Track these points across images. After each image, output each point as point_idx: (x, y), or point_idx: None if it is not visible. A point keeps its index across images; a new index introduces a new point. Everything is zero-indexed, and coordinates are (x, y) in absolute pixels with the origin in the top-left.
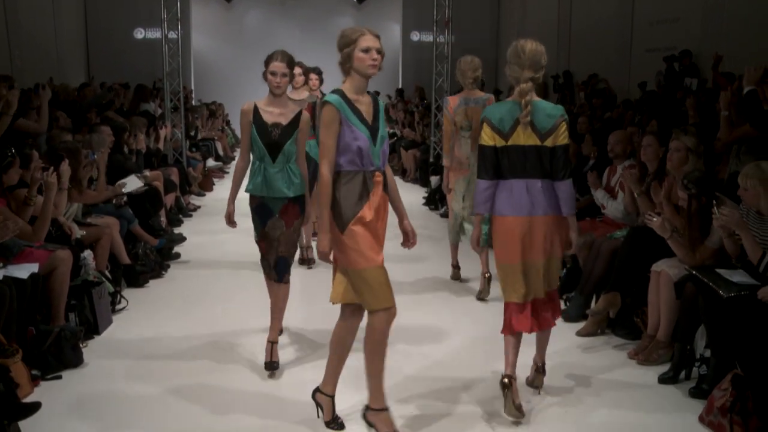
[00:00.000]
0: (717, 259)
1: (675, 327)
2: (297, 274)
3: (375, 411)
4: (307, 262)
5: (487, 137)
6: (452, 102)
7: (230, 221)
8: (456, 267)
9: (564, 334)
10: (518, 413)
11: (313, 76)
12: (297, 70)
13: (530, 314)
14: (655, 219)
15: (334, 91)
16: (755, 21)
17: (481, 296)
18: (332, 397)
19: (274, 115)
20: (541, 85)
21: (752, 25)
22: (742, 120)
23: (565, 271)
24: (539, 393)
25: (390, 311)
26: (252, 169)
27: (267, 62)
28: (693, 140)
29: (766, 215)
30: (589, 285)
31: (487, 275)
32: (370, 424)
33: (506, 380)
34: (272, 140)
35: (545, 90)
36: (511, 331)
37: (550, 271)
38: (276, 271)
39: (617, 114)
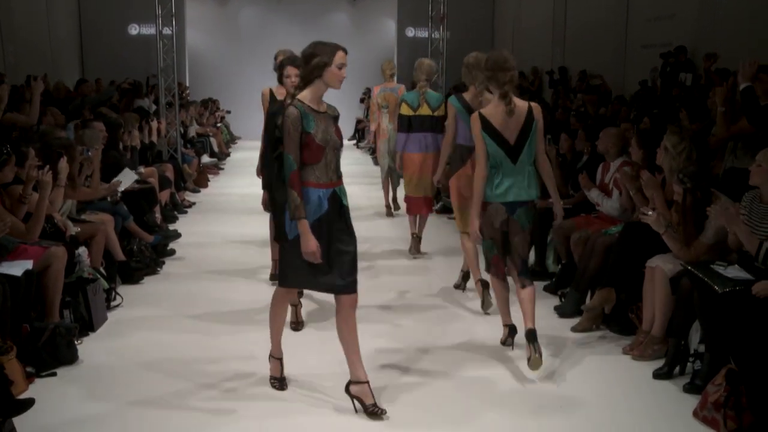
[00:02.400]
0: (712, 255)
1: (669, 322)
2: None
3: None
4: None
5: (404, 110)
6: (376, 90)
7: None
8: (388, 207)
9: (559, 330)
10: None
11: (291, 71)
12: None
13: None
14: (650, 213)
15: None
16: (750, 17)
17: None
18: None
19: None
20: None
21: (747, 20)
22: (737, 116)
23: (560, 267)
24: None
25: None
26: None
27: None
28: (674, 138)
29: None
30: (584, 281)
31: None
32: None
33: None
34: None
35: (540, 85)
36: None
37: (426, 183)
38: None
39: (611, 110)
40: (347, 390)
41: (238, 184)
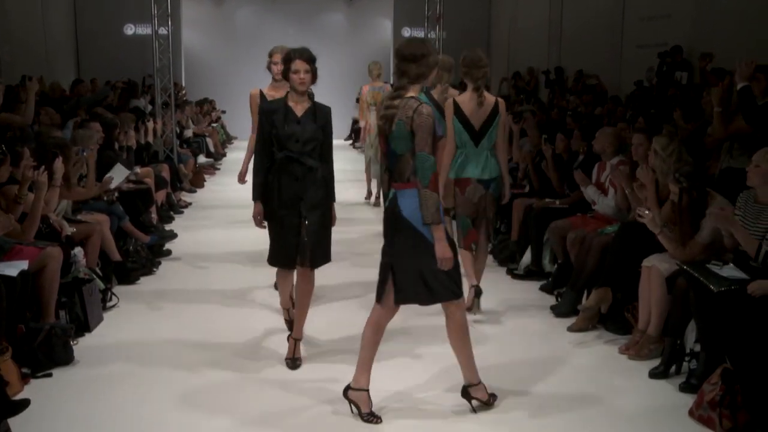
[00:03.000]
0: (707, 254)
1: (665, 322)
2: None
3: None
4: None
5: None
6: (365, 89)
7: None
8: (369, 192)
9: (555, 330)
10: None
11: (300, 65)
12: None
13: None
14: (647, 212)
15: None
16: (746, 16)
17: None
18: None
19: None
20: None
21: (743, 20)
22: (734, 116)
23: (556, 266)
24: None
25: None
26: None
27: None
28: (663, 141)
29: (764, 202)
30: (581, 281)
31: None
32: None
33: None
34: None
35: (536, 85)
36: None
37: None
38: None
39: (606, 110)
40: (345, 394)
41: (234, 184)
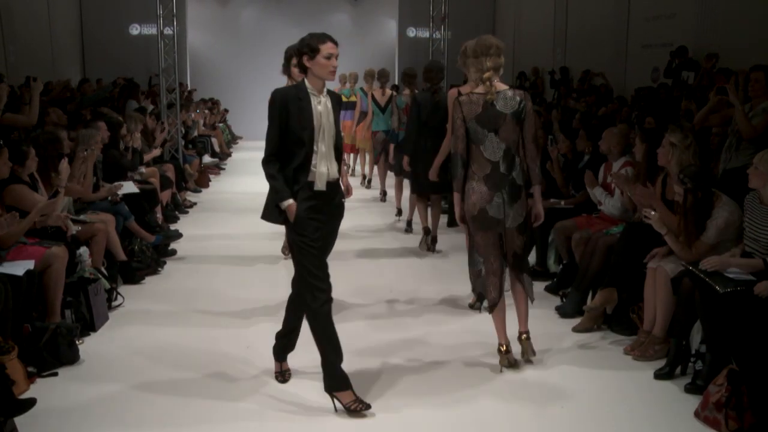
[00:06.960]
0: (713, 255)
1: (671, 323)
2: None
3: None
4: None
5: (342, 100)
6: (336, 89)
7: None
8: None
9: (560, 330)
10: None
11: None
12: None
13: (347, 148)
14: (653, 213)
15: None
16: (750, 16)
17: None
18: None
19: None
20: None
21: (747, 20)
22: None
23: (561, 267)
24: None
25: None
26: None
27: None
28: (679, 135)
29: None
30: (586, 281)
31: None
32: None
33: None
34: None
35: (542, 85)
36: None
37: (350, 136)
38: None
39: (610, 110)
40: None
41: (240, 183)
